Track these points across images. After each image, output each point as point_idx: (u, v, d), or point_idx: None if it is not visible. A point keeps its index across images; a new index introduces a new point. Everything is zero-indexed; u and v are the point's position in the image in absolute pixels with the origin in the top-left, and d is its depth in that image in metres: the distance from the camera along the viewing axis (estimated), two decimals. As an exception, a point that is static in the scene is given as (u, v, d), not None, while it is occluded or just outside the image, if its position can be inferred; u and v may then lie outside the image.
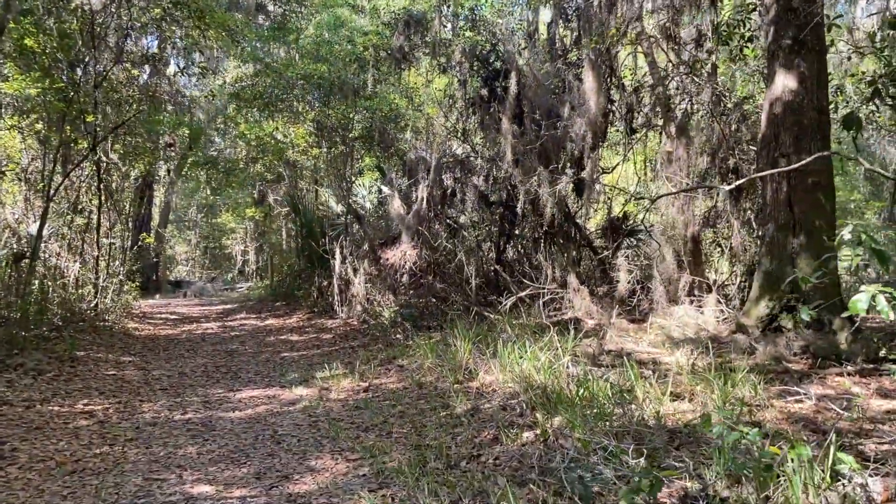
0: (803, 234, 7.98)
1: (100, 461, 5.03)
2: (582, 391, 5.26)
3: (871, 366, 6.96)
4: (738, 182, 8.13)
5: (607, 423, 4.78)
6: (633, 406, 5.07)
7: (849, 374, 6.51)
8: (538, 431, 4.92)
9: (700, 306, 9.31)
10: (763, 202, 8.57)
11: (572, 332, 9.01)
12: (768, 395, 5.46)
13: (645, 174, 12.68)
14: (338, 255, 13.19)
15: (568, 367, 6.11)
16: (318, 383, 7.55)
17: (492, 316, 10.12)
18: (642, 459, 4.16)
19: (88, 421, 6.09)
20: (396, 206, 12.81)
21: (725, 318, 8.91)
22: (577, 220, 12.04)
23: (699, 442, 4.46)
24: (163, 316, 15.39)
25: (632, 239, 11.64)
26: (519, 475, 4.30)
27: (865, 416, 4.95)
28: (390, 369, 7.92)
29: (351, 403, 6.55)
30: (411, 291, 12.18)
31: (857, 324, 7.89)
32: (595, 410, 5.03)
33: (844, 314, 4.45)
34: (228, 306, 18.08)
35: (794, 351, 7.63)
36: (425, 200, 12.19)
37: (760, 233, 8.41)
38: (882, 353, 7.02)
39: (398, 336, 9.85)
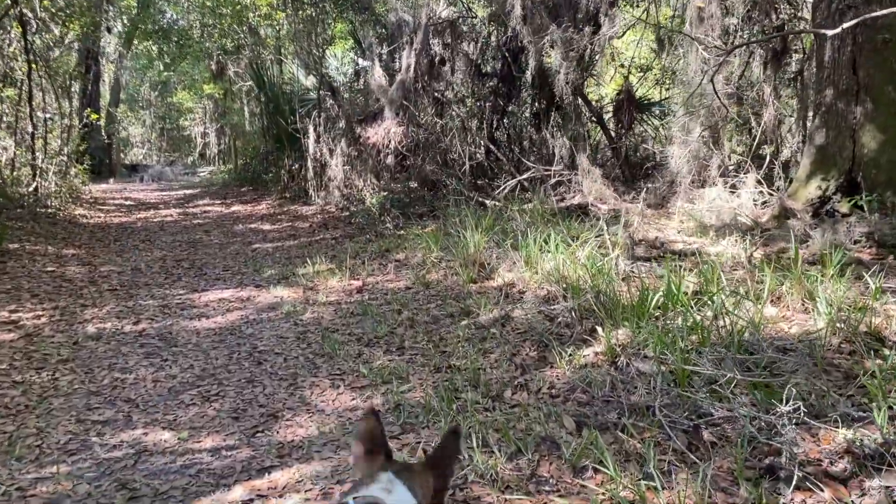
0: (869, 102, 6.71)
1: (20, 394, 3.78)
2: (648, 295, 4.08)
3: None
4: (801, 32, 6.75)
5: (693, 338, 3.66)
6: (719, 315, 3.92)
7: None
8: (600, 349, 3.78)
9: (734, 188, 8.14)
10: (818, 64, 7.25)
11: (598, 220, 7.83)
12: (863, 295, 4.36)
13: (665, 40, 11.14)
14: (311, 134, 11.63)
15: (618, 264, 4.93)
16: (301, 281, 6.30)
17: (491, 202, 8.85)
18: (759, 393, 3.05)
19: (12, 335, 4.79)
20: (378, 76, 11.14)
21: (766, 202, 7.75)
22: (586, 92, 10.61)
23: (825, 364, 3.36)
24: (116, 202, 13.83)
25: (650, 113, 10.28)
26: (592, 413, 3.18)
27: None
28: (385, 265, 6.69)
29: (345, 308, 5.33)
30: (398, 175, 10.79)
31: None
32: (670, 321, 3.89)
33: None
34: (190, 192, 16.52)
35: (854, 238, 6.51)
36: (412, 68, 10.56)
37: (815, 100, 7.15)
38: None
39: (387, 226, 8.56)
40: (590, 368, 3.63)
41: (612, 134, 10.52)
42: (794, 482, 2.45)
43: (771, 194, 7.71)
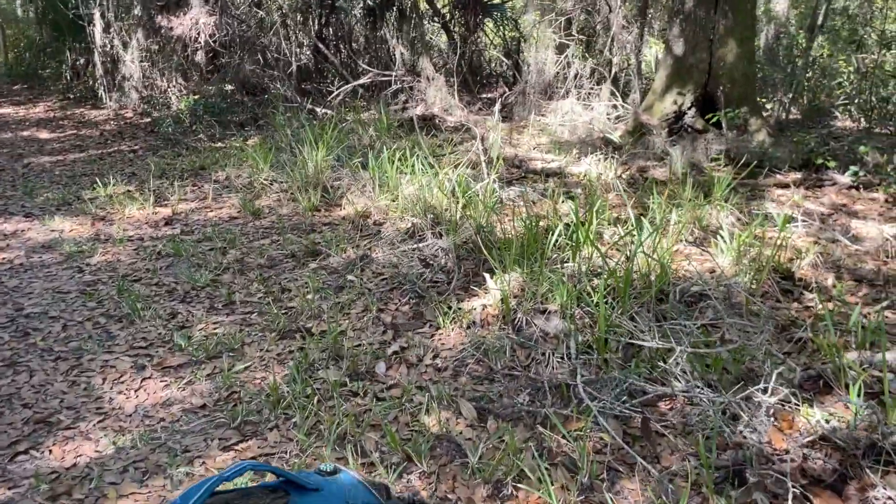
0: (729, 12, 6.39)
1: None
2: (535, 229, 3.37)
3: (802, 173, 5.79)
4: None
5: (600, 282, 3.02)
6: (630, 256, 3.31)
7: (785, 186, 5.21)
8: (489, 302, 3.05)
9: (587, 101, 7.68)
10: (678, -31, 6.81)
11: (448, 134, 7.06)
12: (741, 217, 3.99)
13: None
14: (98, 23, 9.57)
15: (496, 189, 4.16)
16: (89, 209, 4.93)
17: (322, 110, 7.74)
18: (697, 364, 2.49)
19: None
20: (181, -48, 9.27)
21: (619, 117, 7.37)
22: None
23: (750, 314, 2.87)
24: None
25: (496, 14, 9.47)
26: (495, 396, 2.45)
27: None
28: (201, 186, 5.45)
29: (150, 247, 4.13)
30: (210, 76, 9.19)
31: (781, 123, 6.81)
32: (572, 264, 3.22)
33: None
34: (-58, 89, 13.43)
35: (710, 156, 6.29)
36: (224, -54, 8.84)
37: (674, 6, 6.73)
38: (816, 159, 5.84)
39: (201, 136, 7.16)
40: (480, 329, 2.89)
41: (456, 38, 9.63)
42: (764, 488, 1.90)
43: (626, 108, 7.34)
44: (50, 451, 2.24)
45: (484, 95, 9.47)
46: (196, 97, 7.94)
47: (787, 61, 7.91)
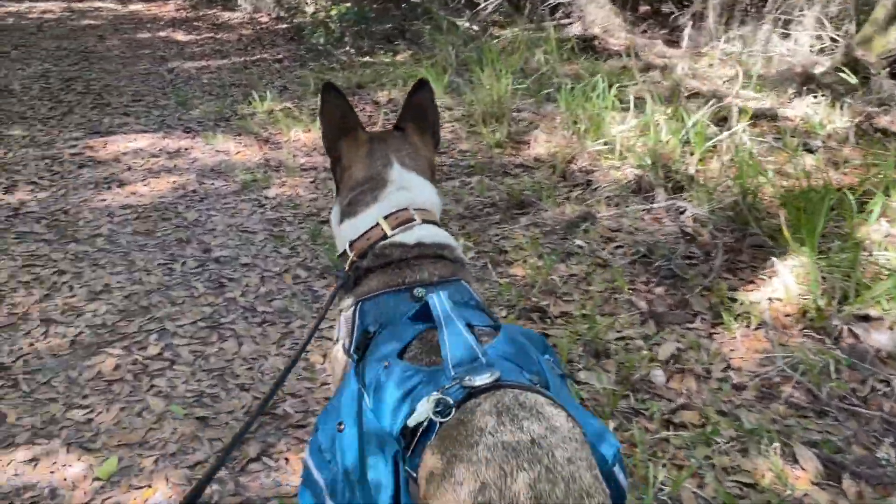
0: None
1: None
2: (828, 195, 2.65)
3: None
4: None
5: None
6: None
7: None
8: (779, 295, 2.42)
9: (786, 27, 6.62)
10: None
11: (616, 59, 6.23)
12: None
13: None
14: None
15: (745, 139, 3.43)
16: (251, 127, 4.52)
17: (463, 24, 6.96)
18: None
19: None
20: None
21: (824, 49, 6.32)
22: None
23: None
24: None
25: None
26: (844, 447, 1.88)
27: None
28: (361, 107, 4.94)
29: (326, 179, 3.67)
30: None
31: None
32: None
33: None
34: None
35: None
36: None
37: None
38: None
39: (349, 49, 6.60)
40: (776, 333, 2.28)
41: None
42: None
43: (834, 40, 6.27)
44: (287, 459, 1.84)
45: (645, 15, 8.46)
46: (348, 4, 7.33)
47: None
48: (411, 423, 0.82)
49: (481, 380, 0.82)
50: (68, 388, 2.10)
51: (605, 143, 3.68)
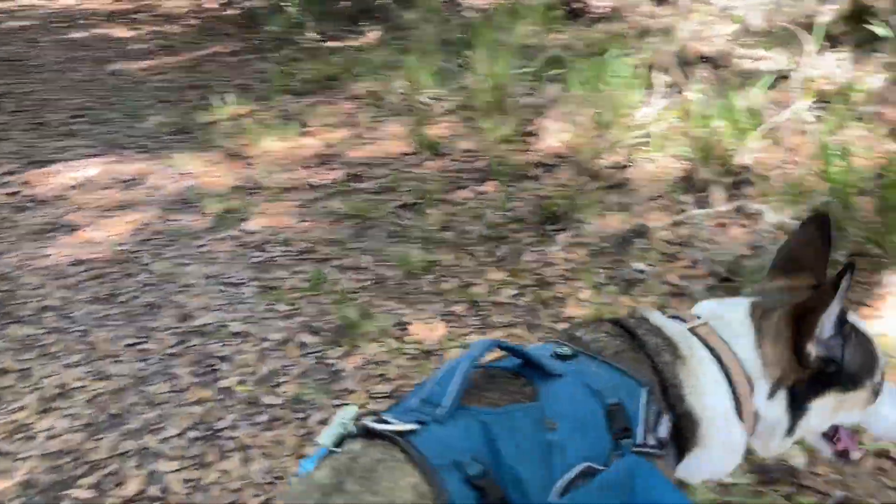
0: None
1: None
2: None
3: None
4: None
5: None
6: None
7: None
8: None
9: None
10: None
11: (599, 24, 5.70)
12: None
13: None
14: None
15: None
16: (215, 139, 3.91)
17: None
18: None
19: None
20: None
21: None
22: None
23: None
24: None
25: None
26: None
27: None
28: (336, 104, 4.34)
29: (317, 202, 3.09)
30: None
31: None
32: None
33: None
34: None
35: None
36: None
37: None
38: None
39: (312, 35, 5.93)
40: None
41: None
42: None
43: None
44: None
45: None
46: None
47: None
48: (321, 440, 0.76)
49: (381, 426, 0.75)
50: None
51: (639, 132, 3.17)
